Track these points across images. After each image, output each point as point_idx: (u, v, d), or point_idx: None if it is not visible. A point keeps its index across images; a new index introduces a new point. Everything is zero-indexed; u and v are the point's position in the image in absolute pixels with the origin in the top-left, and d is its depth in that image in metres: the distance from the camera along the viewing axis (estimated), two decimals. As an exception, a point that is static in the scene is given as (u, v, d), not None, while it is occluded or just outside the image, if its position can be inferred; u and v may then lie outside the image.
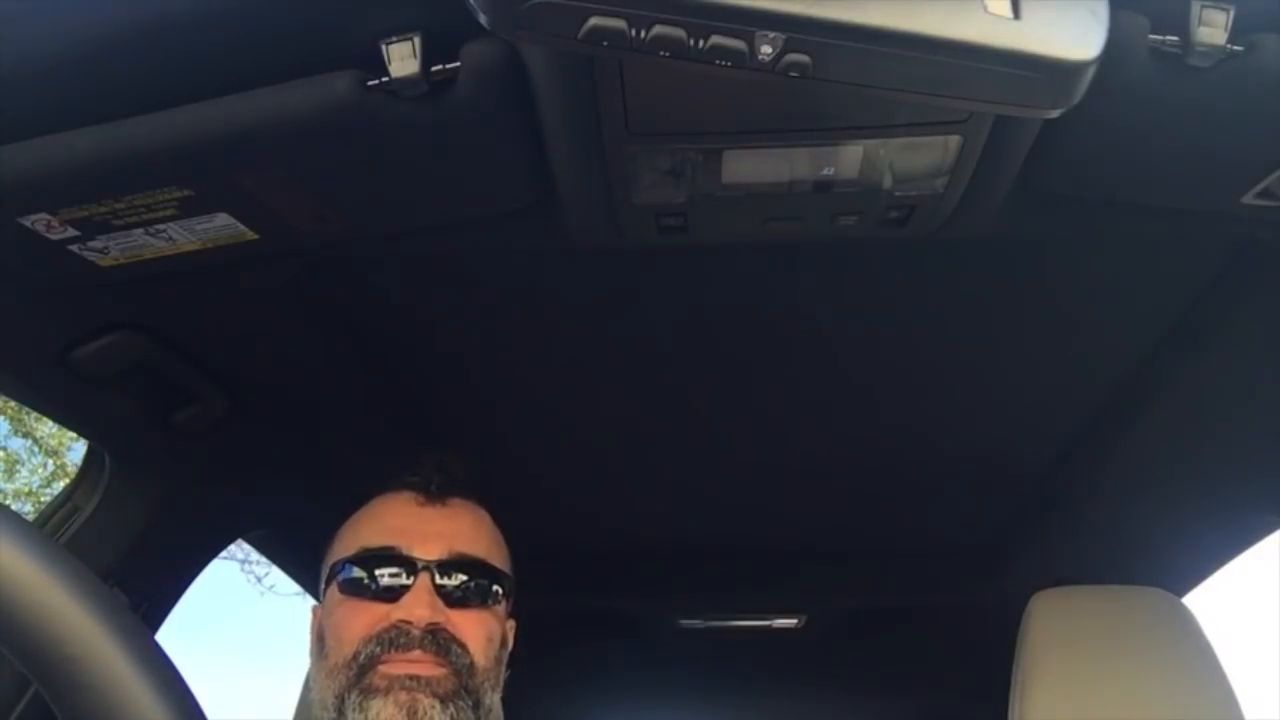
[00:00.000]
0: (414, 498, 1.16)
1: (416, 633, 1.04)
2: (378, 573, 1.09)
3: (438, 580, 1.08)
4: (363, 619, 1.07)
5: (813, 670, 2.21)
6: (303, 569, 1.70)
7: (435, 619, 1.05)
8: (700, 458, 1.46)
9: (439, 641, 1.05)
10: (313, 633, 1.16)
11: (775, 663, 2.18)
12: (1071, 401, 1.31)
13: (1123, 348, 1.18)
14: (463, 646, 1.06)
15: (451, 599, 1.08)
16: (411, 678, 1.02)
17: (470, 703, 1.05)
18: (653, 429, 1.39)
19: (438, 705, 1.02)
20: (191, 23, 0.69)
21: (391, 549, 1.10)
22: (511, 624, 1.20)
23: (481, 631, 1.09)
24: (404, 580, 1.08)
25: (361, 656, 1.05)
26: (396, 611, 1.06)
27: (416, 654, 1.04)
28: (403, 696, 1.02)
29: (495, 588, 1.13)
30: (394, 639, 1.04)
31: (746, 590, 1.89)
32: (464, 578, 1.10)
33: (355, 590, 1.10)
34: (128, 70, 0.72)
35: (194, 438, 1.20)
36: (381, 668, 1.03)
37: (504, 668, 1.15)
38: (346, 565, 1.12)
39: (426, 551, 1.09)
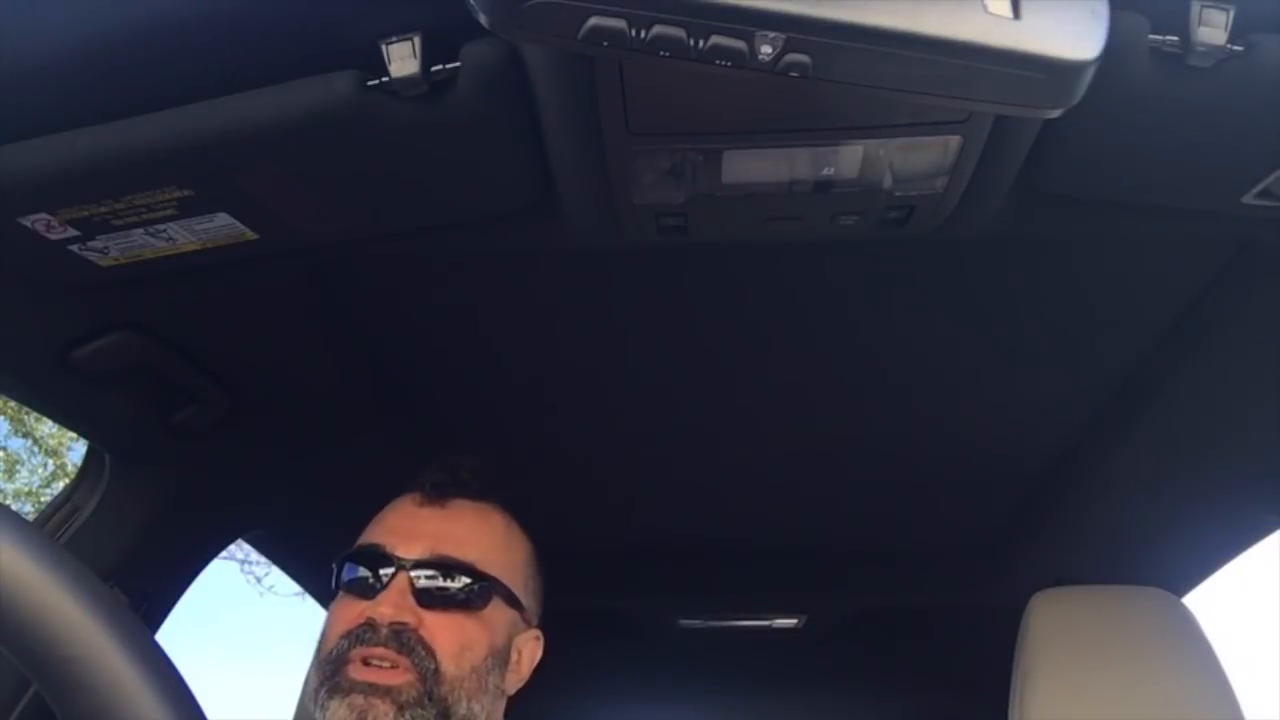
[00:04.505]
0: (415, 497, 1.17)
1: (384, 631, 1.05)
2: (362, 570, 1.11)
3: (414, 579, 1.08)
4: (345, 615, 1.08)
5: (813, 670, 2.21)
6: (302, 569, 1.70)
7: (402, 618, 1.05)
8: (700, 457, 1.46)
9: (402, 641, 1.05)
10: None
11: (775, 663, 2.18)
12: (1072, 401, 1.31)
13: (1123, 348, 1.18)
14: (429, 650, 1.05)
15: (426, 600, 1.08)
16: (370, 685, 1.03)
17: (435, 711, 1.04)
18: (652, 428, 1.39)
19: (392, 713, 1.02)
20: (191, 23, 0.69)
21: (377, 547, 1.11)
22: (536, 634, 1.19)
23: (455, 637, 1.08)
24: (382, 578, 1.09)
25: (335, 652, 1.06)
26: (370, 609, 1.07)
27: (380, 651, 1.04)
28: (358, 700, 1.02)
29: (481, 592, 1.11)
30: (361, 634, 1.05)
31: (746, 590, 1.89)
32: (441, 579, 1.09)
33: (344, 586, 1.12)
34: (128, 70, 0.72)
35: (194, 438, 1.20)
36: (348, 668, 1.04)
37: (501, 677, 1.13)
38: (344, 562, 1.13)
39: (408, 550, 1.10)
